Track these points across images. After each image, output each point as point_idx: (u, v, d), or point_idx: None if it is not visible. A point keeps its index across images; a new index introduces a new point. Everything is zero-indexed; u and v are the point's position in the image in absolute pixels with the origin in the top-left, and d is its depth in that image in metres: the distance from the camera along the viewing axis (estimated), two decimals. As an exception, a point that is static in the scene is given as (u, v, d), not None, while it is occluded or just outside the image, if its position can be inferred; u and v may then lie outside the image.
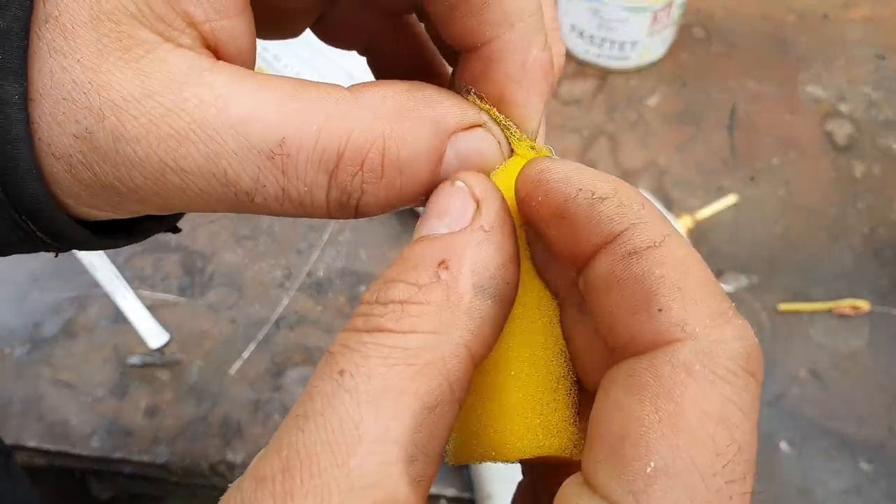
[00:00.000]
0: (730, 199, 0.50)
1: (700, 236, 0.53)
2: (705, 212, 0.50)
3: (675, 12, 0.60)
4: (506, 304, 0.16)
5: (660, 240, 0.15)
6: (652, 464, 0.14)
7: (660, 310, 0.14)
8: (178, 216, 0.21)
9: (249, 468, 0.14)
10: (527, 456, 0.17)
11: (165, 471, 0.45)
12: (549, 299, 0.18)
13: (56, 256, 0.19)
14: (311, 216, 0.17)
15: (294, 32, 0.21)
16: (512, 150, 0.19)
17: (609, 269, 0.15)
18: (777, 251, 0.53)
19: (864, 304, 0.50)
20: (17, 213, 0.16)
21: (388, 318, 0.15)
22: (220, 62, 0.16)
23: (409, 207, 0.20)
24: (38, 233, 0.17)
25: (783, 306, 0.51)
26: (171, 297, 0.52)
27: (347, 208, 0.17)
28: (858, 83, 0.63)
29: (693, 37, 0.67)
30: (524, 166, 0.17)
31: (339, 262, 0.53)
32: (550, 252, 0.18)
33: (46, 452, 0.46)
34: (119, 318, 0.51)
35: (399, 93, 0.17)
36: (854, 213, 0.55)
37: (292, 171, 0.16)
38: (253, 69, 0.17)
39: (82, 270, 0.53)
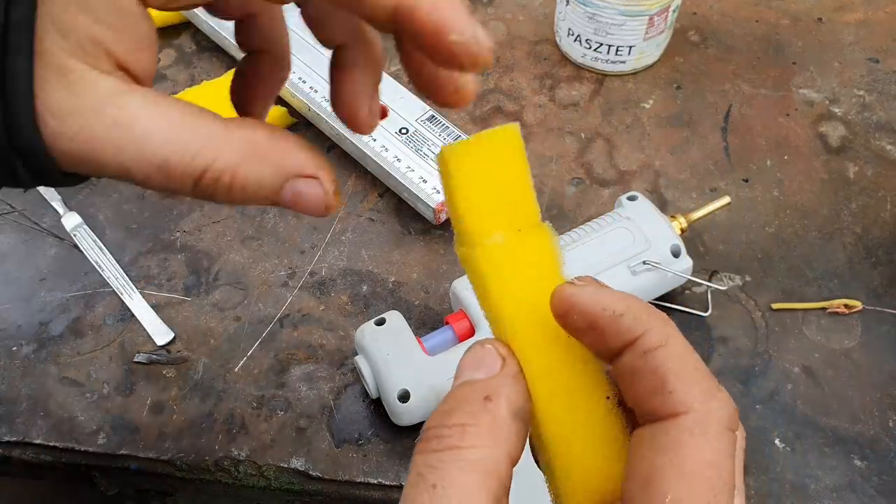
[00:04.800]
0: (723, 200, 0.51)
1: (694, 237, 0.54)
2: (698, 212, 0.51)
3: (671, 17, 0.61)
4: (528, 424, 0.23)
5: (664, 341, 0.22)
6: (669, 496, 0.20)
7: (670, 392, 0.21)
8: None
9: None
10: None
11: (171, 466, 0.46)
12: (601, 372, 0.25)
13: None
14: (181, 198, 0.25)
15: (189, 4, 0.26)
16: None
17: (631, 363, 0.22)
18: (771, 251, 0.54)
19: (856, 303, 0.50)
20: (14, 155, 0.22)
21: (454, 437, 0.21)
22: (134, 86, 0.22)
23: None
24: (21, 169, 0.22)
25: (777, 305, 0.51)
26: (176, 297, 0.52)
27: (206, 198, 0.24)
28: (852, 86, 0.64)
29: (688, 41, 0.67)
30: (557, 290, 0.23)
31: (341, 262, 0.54)
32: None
33: (53, 448, 0.46)
34: (125, 316, 0.51)
35: (261, 137, 0.23)
36: (847, 213, 0.56)
37: (172, 177, 0.23)
38: (153, 79, 0.24)
39: (89, 270, 0.54)
